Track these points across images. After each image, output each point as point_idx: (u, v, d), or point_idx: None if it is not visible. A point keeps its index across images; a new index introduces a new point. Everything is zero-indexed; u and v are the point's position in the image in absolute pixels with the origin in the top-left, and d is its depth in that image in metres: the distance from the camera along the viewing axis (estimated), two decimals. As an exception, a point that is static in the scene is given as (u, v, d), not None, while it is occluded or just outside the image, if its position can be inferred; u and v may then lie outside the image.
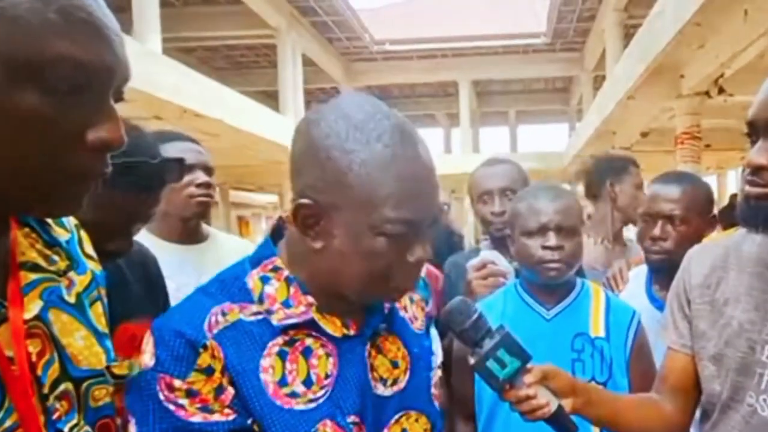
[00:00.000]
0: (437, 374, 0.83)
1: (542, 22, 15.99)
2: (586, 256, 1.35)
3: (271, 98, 14.79)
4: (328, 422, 0.68)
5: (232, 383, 0.65)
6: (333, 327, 0.72)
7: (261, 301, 0.70)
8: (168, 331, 0.66)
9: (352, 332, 0.74)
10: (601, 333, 1.22)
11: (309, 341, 0.70)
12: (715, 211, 1.55)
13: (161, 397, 0.63)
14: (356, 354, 0.73)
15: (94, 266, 0.65)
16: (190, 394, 0.63)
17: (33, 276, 0.54)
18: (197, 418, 0.63)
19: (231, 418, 0.64)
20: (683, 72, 7.17)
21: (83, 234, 0.65)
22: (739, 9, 5.04)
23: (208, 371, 0.64)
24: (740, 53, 5.94)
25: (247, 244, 1.78)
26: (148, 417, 0.63)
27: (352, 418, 0.70)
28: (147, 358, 0.65)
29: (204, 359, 0.64)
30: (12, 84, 0.44)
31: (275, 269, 0.72)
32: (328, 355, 0.71)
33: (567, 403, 0.83)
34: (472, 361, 0.77)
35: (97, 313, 0.63)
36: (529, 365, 0.79)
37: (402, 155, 0.67)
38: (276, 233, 0.77)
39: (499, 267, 1.42)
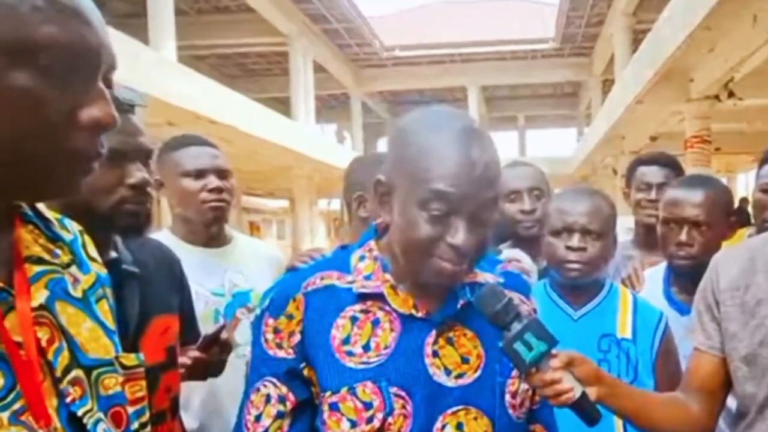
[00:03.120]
0: (517, 383, 0.83)
1: (550, 27, 15.98)
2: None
3: (282, 104, 14.88)
4: (369, 384, 0.77)
5: (302, 332, 0.80)
6: (401, 303, 0.81)
7: (353, 273, 0.83)
8: (279, 284, 0.86)
9: (419, 314, 0.80)
10: (628, 334, 1.22)
11: (380, 314, 0.80)
12: None
13: (261, 330, 0.82)
14: (417, 335, 0.80)
15: (97, 268, 0.67)
16: (276, 330, 0.81)
17: (37, 268, 0.56)
18: (272, 352, 0.81)
19: (290, 357, 0.80)
20: (692, 76, 7.13)
21: (87, 239, 0.67)
22: (748, 13, 5.01)
23: (290, 317, 0.81)
24: (749, 57, 5.90)
25: (267, 246, 1.79)
26: (254, 343, 0.83)
27: (395, 390, 0.77)
28: (266, 302, 0.84)
29: (291, 308, 0.81)
30: (7, 67, 0.47)
31: (370, 250, 0.85)
32: (392, 329, 0.80)
33: (591, 392, 0.82)
34: (500, 344, 0.78)
35: (104, 310, 0.64)
36: (555, 351, 0.79)
37: (455, 146, 0.74)
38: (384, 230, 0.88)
39: (522, 265, 1.41)
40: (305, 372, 0.80)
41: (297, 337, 0.79)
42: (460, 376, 0.80)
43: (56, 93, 0.49)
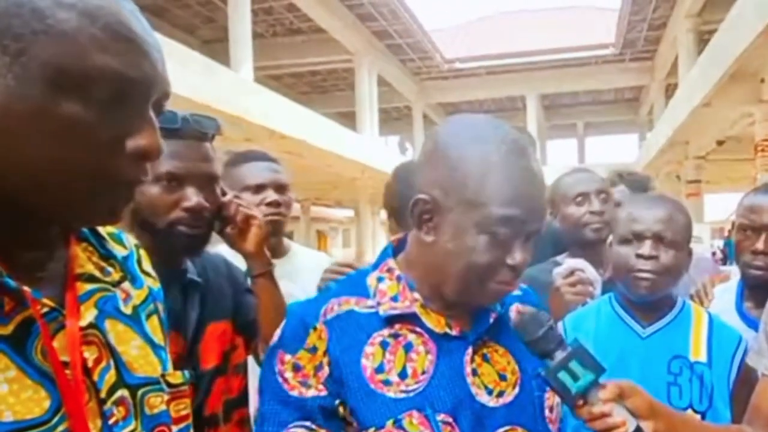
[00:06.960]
0: (552, 397, 0.77)
1: (611, 32, 15.33)
2: None
3: (348, 118, 15.08)
4: (415, 414, 0.68)
5: (330, 365, 0.69)
6: (435, 323, 0.73)
7: (375, 296, 0.74)
8: (292, 315, 0.74)
9: (453, 332, 0.73)
10: (702, 357, 1.06)
11: (411, 337, 0.72)
12: None
13: (276, 369, 0.71)
14: (455, 355, 0.72)
15: (151, 283, 0.65)
16: (296, 368, 0.70)
17: (89, 286, 0.55)
18: (295, 392, 0.69)
19: (322, 394, 0.69)
20: (764, 76, 6.59)
21: (142, 253, 0.66)
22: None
23: (313, 350, 0.70)
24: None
25: (325, 257, 1.75)
26: (264, 386, 0.72)
27: (442, 417, 0.69)
28: (275, 336, 0.73)
29: (311, 339, 0.70)
30: (58, 94, 0.45)
31: (389, 270, 0.76)
32: (427, 352, 0.72)
33: (647, 426, 0.70)
34: (543, 372, 0.69)
35: (154, 326, 0.62)
36: (603, 381, 0.69)
37: (514, 163, 0.69)
38: (399, 247, 0.80)
39: (587, 275, 1.28)
40: (340, 410, 0.69)
41: (326, 371, 0.69)
42: (500, 394, 0.73)
43: (104, 122, 0.47)
